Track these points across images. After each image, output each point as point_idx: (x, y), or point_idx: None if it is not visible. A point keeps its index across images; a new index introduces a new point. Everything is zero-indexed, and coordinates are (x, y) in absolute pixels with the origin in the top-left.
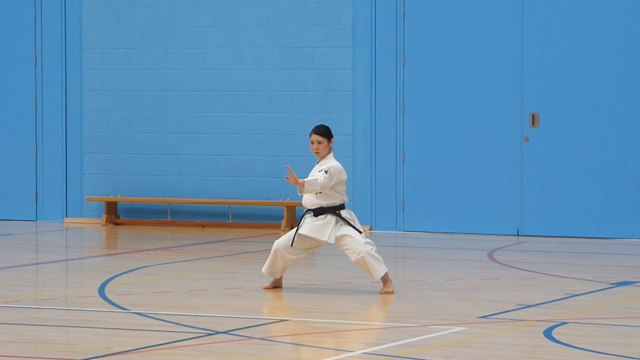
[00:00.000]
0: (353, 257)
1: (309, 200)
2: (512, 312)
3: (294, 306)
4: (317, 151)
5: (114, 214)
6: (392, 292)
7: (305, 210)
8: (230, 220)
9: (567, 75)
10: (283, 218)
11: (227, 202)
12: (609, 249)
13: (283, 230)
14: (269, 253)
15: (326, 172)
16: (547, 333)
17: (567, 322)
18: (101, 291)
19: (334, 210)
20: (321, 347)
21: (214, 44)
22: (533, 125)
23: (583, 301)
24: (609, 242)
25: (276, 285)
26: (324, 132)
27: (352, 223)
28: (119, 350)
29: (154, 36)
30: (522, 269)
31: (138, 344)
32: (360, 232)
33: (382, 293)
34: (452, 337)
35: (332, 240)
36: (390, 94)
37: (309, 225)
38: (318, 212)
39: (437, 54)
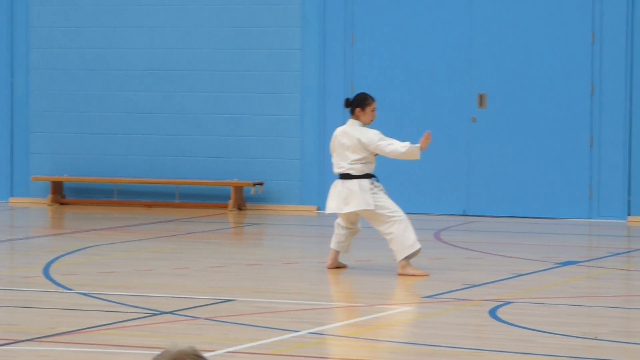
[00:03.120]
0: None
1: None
2: (458, 291)
3: (241, 286)
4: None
5: (60, 193)
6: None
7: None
8: (178, 200)
9: (515, 57)
10: (230, 198)
11: (174, 182)
12: (554, 229)
13: (231, 211)
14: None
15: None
16: (493, 312)
17: (513, 302)
18: (46, 271)
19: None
20: (267, 327)
21: (162, 23)
22: (481, 106)
23: (528, 281)
24: (554, 222)
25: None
26: None
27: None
28: (65, 331)
29: (101, 15)
30: (468, 249)
31: (83, 324)
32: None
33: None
34: (399, 316)
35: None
36: (339, 74)
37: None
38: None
39: (387, 35)
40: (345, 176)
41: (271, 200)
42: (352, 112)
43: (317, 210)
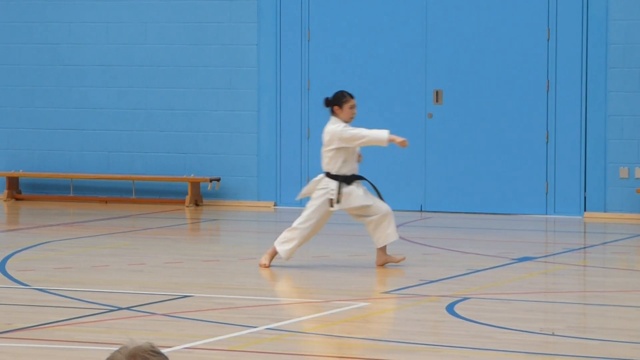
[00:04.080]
0: (375, 217)
1: (354, 167)
2: (415, 287)
3: (198, 282)
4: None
5: (15, 189)
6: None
7: (330, 179)
8: (134, 196)
9: (471, 53)
10: (187, 194)
11: (130, 177)
12: (510, 225)
13: (187, 206)
14: (291, 239)
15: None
16: (450, 308)
17: (470, 298)
18: (2, 267)
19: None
20: (224, 323)
21: (117, 18)
22: (437, 102)
23: (485, 277)
24: (510, 218)
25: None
26: None
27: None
28: (21, 327)
29: (56, 10)
30: (425, 245)
31: (40, 320)
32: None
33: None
34: (356, 312)
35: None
36: (295, 70)
37: (357, 195)
38: (352, 179)
39: (342, 31)
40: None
41: (228, 196)
42: (332, 111)
43: (274, 205)
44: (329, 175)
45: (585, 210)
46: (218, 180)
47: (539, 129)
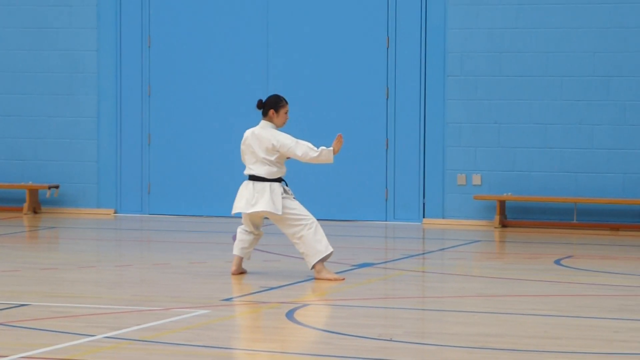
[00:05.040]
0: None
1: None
2: (255, 294)
3: (35, 290)
4: None
5: None
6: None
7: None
8: None
9: (310, 59)
10: (25, 201)
11: None
12: (350, 232)
13: (25, 214)
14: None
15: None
16: (289, 315)
17: (309, 304)
18: None
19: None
20: (62, 332)
21: None
22: None
23: (325, 283)
24: (350, 224)
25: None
26: None
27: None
28: None
29: None
30: (266, 252)
31: None
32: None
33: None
34: (195, 320)
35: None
36: (136, 76)
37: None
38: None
39: (184, 37)
40: (255, 178)
41: (67, 204)
42: (265, 114)
43: (115, 213)
44: (280, 180)
45: (424, 217)
46: (57, 187)
47: (378, 136)
